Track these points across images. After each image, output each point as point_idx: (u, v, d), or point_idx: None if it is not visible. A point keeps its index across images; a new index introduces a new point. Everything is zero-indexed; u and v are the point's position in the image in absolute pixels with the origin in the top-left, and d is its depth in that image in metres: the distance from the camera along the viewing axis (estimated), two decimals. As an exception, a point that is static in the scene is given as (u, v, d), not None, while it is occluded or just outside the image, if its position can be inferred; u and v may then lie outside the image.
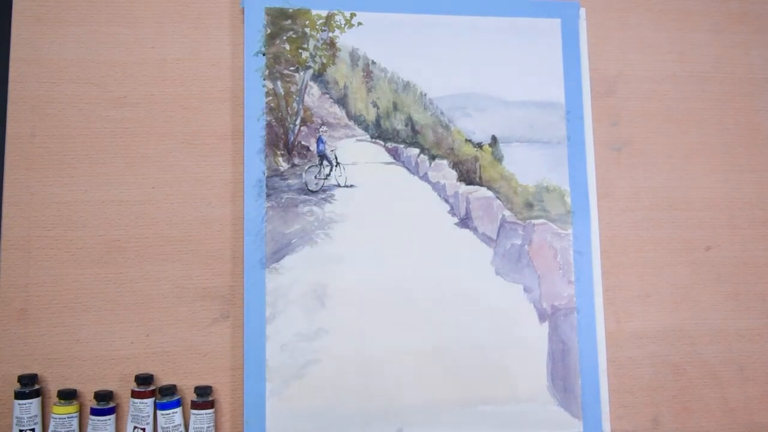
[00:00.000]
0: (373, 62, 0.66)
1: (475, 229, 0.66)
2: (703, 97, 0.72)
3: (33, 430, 0.57)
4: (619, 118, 0.70)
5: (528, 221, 0.66)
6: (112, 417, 0.58)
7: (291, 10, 0.65)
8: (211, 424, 0.59)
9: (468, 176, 0.67)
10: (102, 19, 0.64)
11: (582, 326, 0.65)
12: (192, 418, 0.59)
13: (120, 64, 0.64)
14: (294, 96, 0.65)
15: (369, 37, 0.67)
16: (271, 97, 0.64)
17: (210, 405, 0.59)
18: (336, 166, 0.65)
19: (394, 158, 0.66)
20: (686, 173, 0.71)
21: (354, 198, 0.64)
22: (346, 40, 0.66)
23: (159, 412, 0.58)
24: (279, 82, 0.65)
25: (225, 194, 0.63)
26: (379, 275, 0.63)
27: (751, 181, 0.71)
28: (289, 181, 0.64)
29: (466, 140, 0.67)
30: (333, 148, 0.65)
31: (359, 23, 0.66)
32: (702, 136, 0.71)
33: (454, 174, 0.66)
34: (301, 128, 0.65)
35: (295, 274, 0.62)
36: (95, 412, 0.57)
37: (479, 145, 0.67)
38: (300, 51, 0.65)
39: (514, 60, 0.68)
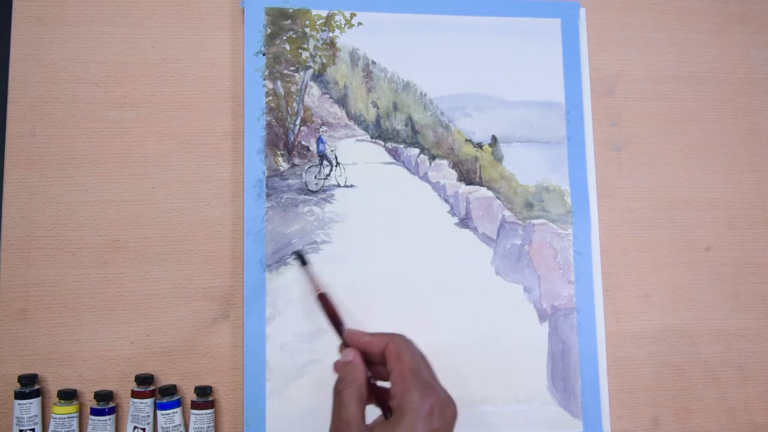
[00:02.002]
0: (373, 62, 0.67)
1: (475, 229, 0.66)
2: (703, 97, 0.72)
3: (33, 430, 0.57)
4: (619, 118, 0.70)
5: (528, 221, 0.66)
6: (112, 417, 0.58)
7: (291, 10, 0.65)
8: (211, 424, 0.59)
9: (468, 176, 0.67)
10: (102, 19, 0.64)
11: (582, 326, 0.65)
12: (192, 418, 0.59)
13: (120, 64, 0.64)
14: (294, 96, 0.65)
15: (369, 37, 0.67)
16: (271, 97, 0.64)
17: (210, 405, 0.59)
18: (336, 166, 0.65)
19: (394, 158, 0.66)
20: (686, 173, 0.71)
21: (354, 198, 0.64)
22: (346, 40, 0.66)
23: (159, 412, 0.58)
24: (279, 82, 0.65)
25: (225, 194, 0.63)
26: (378, 275, 0.63)
27: (751, 181, 0.71)
28: (289, 181, 0.64)
29: (466, 140, 0.67)
30: (333, 148, 0.65)
31: (359, 23, 0.67)
32: (702, 136, 0.71)
33: (454, 174, 0.66)
34: (301, 128, 0.65)
35: (295, 274, 0.62)
36: (95, 412, 0.57)
37: (479, 145, 0.67)
38: (300, 51, 0.65)
39: (514, 60, 0.68)
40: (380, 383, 0.46)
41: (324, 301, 0.53)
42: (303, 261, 0.60)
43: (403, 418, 0.40)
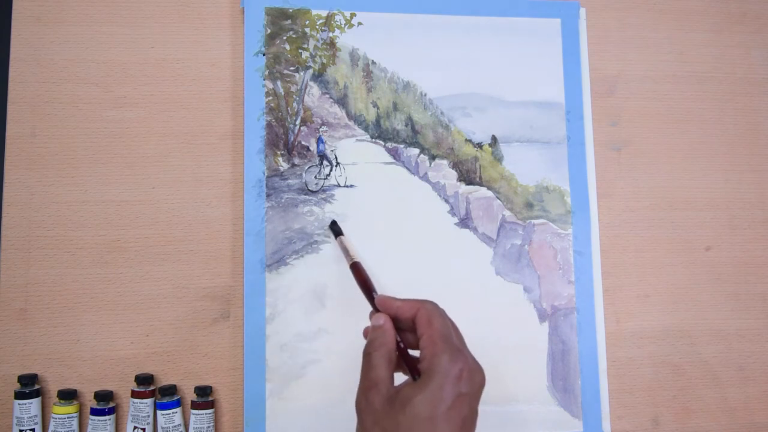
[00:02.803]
0: (373, 62, 0.67)
1: (475, 229, 0.66)
2: (703, 97, 0.72)
3: (33, 430, 0.57)
4: (619, 118, 0.70)
5: (528, 221, 0.66)
6: (112, 417, 0.58)
7: (291, 10, 0.65)
8: (211, 424, 0.59)
9: (468, 176, 0.67)
10: (102, 19, 0.64)
11: (582, 326, 0.65)
12: (192, 418, 0.59)
13: (120, 64, 0.64)
14: (294, 96, 0.65)
15: (369, 37, 0.67)
16: (271, 97, 0.64)
17: (210, 405, 0.59)
18: (336, 166, 0.65)
19: (394, 158, 0.66)
20: (686, 173, 0.71)
21: (354, 198, 0.64)
22: (346, 40, 0.66)
23: (159, 412, 0.58)
24: (279, 82, 0.65)
25: (225, 194, 0.63)
26: (378, 275, 0.63)
27: (751, 181, 0.71)
28: (289, 181, 0.64)
29: (466, 140, 0.67)
30: (333, 148, 0.65)
31: (359, 23, 0.67)
32: (702, 136, 0.71)
33: (454, 174, 0.66)
34: (301, 128, 0.65)
35: (295, 274, 0.62)
36: (95, 412, 0.57)
37: (479, 145, 0.67)
38: (300, 51, 0.65)
39: (514, 60, 0.69)
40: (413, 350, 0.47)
41: (357, 269, 0.55)
42: (338, 232, 0.60)
43: (431, 380, 0.40)
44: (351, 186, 0.64)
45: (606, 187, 0.69)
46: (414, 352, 0.46)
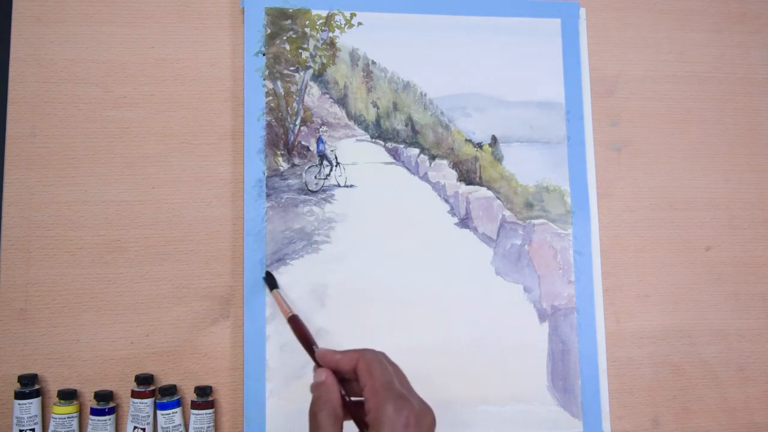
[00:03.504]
0: (373, 62, 0.67)
1: (475, 229, 0.66)
2: (703, 97, 0.72)
3: (33, 430, 0.57)
4: (619, 118, 0.70)
5: (528, 221, 0.66)
6: (112, 417, 0.58)
7: (291, 10, 0.65)
8: (211, 424, 0.59)
9: (468, 176, 0.67)
10: (102, 19, 0.64)
11: (582, 326, 0.65)
12: (192, 418, 0.59)
13: (120, 64, 0.64)
14: (294, 96, 0.65)
15: (369, 37, 0.67)
16: (271, 97, 0.64)
17: (210, 405, 0.59)
18: (336, 166, 0.65)
19: (394, 158, 0.66)
20: (686, 173, 0.71)
21: (354, 198, 0.64)
22: (346, 40, 0.66)
23: (159, 412, 0.58)
24: (279, 82, 0.65)
25: (225, 194, 0.63)
26: (378, 275, 0.63)
27: (752, 181, 0.71)
28: (289, 181, 0.64)
29: (466, 140, 0.67)
30: (333, 148, 0.65)
31: (359, 23, 0.67)
32: (702, 136, 0.71)
33: (454, 174, 0.66)
34: (301, 128, 0.65)
35: (295, 274, 0.62)
36: (95, 412, 0.57)
37: (479, 145, 0.67)
38: (300, 51, 0.65)
39: (514, 60, 0.69)
40: (358, 399, 0.46)
41: (295, 323, 0.53)
42: (273, 284, 0.59)
43: None
44: (351, 186, 0.64)
45: (606, 187, 0.69)
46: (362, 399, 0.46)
